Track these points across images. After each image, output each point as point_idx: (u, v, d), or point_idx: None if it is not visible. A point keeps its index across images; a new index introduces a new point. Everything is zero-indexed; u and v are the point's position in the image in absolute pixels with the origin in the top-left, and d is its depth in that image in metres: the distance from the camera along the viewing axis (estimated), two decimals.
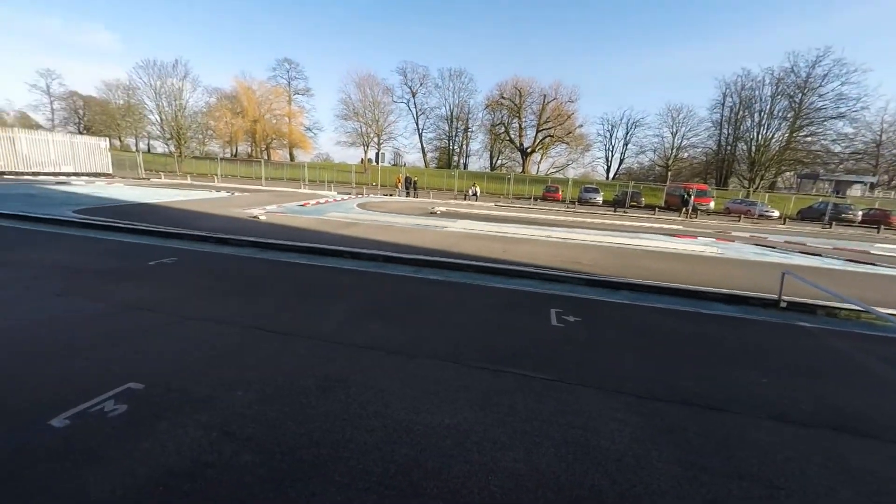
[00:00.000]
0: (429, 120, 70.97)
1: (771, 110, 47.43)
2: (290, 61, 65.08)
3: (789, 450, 2.58)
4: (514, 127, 69.17)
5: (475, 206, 22.26)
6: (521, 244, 9.72)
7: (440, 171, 50.51)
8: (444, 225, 12.68)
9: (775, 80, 46.76)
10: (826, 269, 9.22)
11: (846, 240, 17.14)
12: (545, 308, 5.14)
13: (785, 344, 4.54)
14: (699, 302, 5.88)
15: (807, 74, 44.66)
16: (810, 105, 45.20)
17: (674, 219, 22.74)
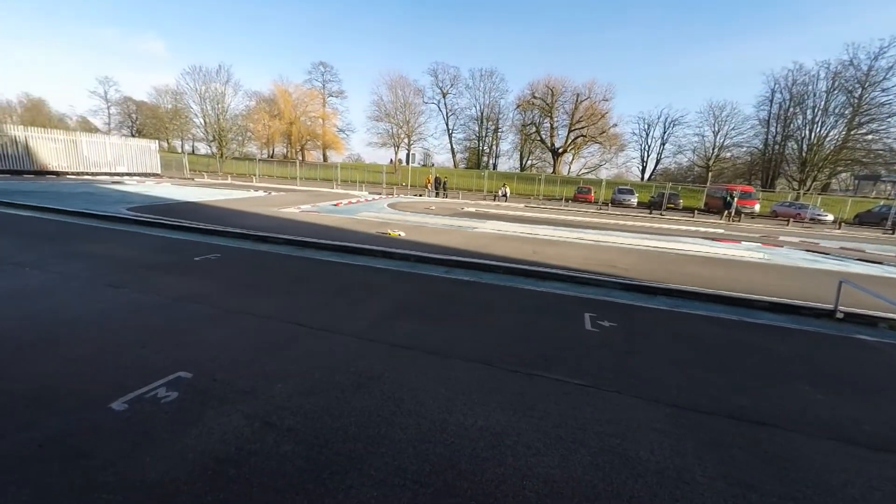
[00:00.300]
0: (459, 120, 71.11)
1: (826, 107, 44.26)
2: (324, 64, 67.03)
3: (849, 473, 2.41)
4: (546, 127, 68.09)
5: (505, 207, 22.09)
6: (552, 246, 9.56)
7: (469, 172, 50.48)
8: (474, 226, 12.65)
9: (832, 74, 43.58)
10: (888, 279, 8.51)
11: None
12: (579, 312, 5.03)
13: (842, 358, 4.23)
14: (743, 310, 5.57)
15: (868, 67, 41.36)
16: (872, 100, 41.81)
17: (715, 222, 21.65)
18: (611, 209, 26.46)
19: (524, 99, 67.40)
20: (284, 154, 69.23)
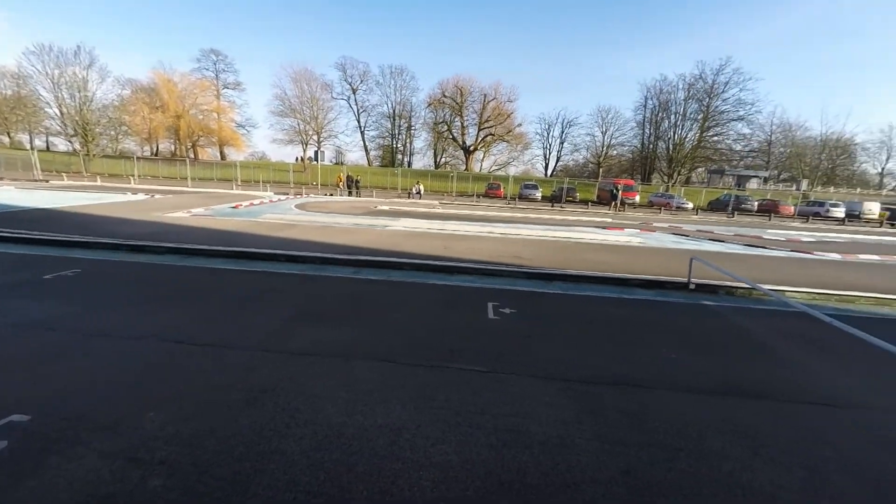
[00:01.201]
0: (371, 117, 69.73)
1: (684, 112, 52.50)
2: (216, 52, 60.48)
3: (692, 417, 2.89)
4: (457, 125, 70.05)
5: (419, 205, 22.25)
6: (463, 241, 9.89)
7: (384, 170, 49.81)
8: (387, 224, 12.54)
9: (687, 85, 51.86)
10: (728, 254, 10.41)
11: (745, 227, 19.51)
12: (483, 302, 5.28)
13: (693, 322, 5.07)
14: (623, 288, 6.38)
15: (712, 81, 50.01)
16: (716, 108, 50.67)
17: (605, 212, 24.40)
18: (518, 203, 28.24)
19: (435, 97, 68.48)
20: (172, 152, 61.09)
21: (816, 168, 55.20)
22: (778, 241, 14.10)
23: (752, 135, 54.49)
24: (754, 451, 2.55)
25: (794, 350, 4.27)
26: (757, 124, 53.13)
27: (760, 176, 52.41)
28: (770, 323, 5.11)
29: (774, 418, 2.95)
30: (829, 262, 10.02)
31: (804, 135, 56.21)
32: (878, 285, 7.28)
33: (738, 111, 50.17)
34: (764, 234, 16.53)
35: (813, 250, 11.83)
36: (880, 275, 8.50)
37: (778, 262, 9.61)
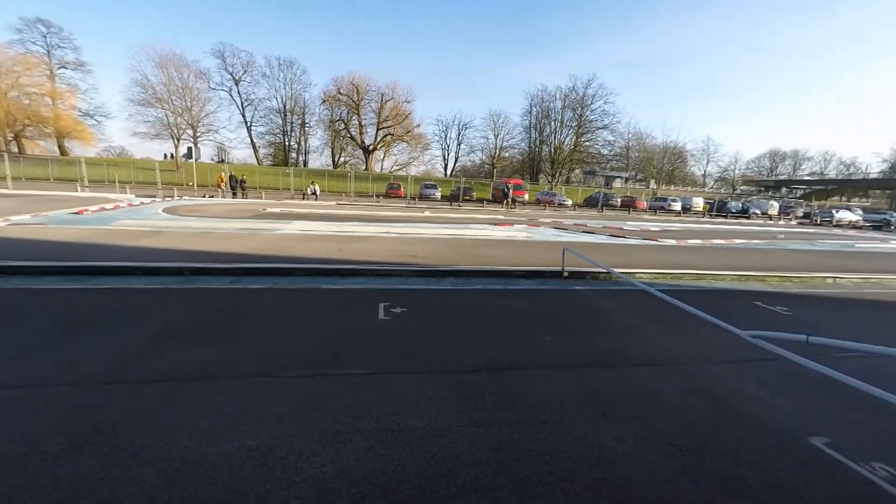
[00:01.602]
0: (258, 112, 63.92)
1: (562, 120, 59.12)
2: (46, 23, 48.96)
3: (557, 391, 3.25)
4: (354, 124, 68.18)
5: (314, 206, 21.11)
6: (359, 242, 9.65)
7: (275, 169, 46.03)
8: (277, 227, 11.62)
9: (563, 95, 58.39)
10: (597, 244, 12.00)
11: (611, 220, 22.73)
12: (375, 303, 5.22)
13: (565, 306, 5.71)
14: (508, 280, 6.90)
15: (583, 93, 57.16)
16: (586, 118, 58.08)
17: (498, 210, 26.15)
18: (418, 203, 28.64)
19: (330, 94, 65.67)
20: None
21: (661, 170, 66.84)
22: (634, 231, 16.70)
23: (615, 141, 63.83)
24: (603, 412, 2.97)
25: (638, 322, 5.09)
26: (618, 132, 62.44)
27: (623, 176, 61.57)
28: (622, 301, 6.01)
29: (620, 382, 3.48)
30: (667, 247, 12.21)
31: (651, 142, 67.70)
32: (698, 263, 9.09)
33: (604, 120, 58.36)
34: (624, 225, 19.43)
35: (658, 238, 14.30)
36: (701, 255, 10.64)
37: (633, 248, 11.38)
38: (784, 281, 8.15)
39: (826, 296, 7.26)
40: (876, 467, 2.54)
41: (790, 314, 5.85)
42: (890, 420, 3.01)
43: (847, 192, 57.94)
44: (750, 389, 3.46)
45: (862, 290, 7.80)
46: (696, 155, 72.05)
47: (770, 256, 11.26)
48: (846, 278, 8.61)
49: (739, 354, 4.08)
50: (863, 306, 6.76)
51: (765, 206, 37.22)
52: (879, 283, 8.49)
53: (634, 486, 2.24)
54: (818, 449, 2.70)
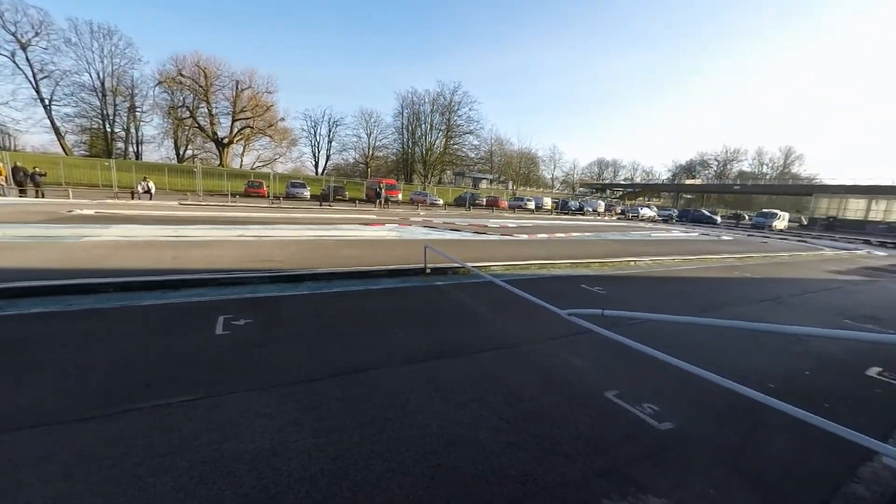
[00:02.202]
0: (62, 88, 50.29)
1: (432, 123, 61.58)
2: None
3: (405, 386, 3.31)
4: (204, 112, 59.31)
5: (147, 207, 17.63)
6: (202, 248, 8.36)
7: (91, 161, 36.80)
8: (88, 234, 9.28)
9: (432, 99, 60.88)
10: (463, 240, 12.81)
11: (477, 218, 24.63)
12: (214, 317, 4.57)
13: (425, 301, 5.91)
14: (371, 280, 6.83)
15: (450, 99, 60.51)
16: (454, 122, 61.73)
17: (371, 209, 25.86)
18: (284, 203, 26.41)
19: (168, 75, 55.75)
20: None
21: (519, 173, 75.30)
22: (495, 227, 18.39)
23: (480, 146, 69.34)
24: (446, 400, 3.14)
25: (488, 311, 5.58)
26: (483, 138, 68.00)
27: (488, 178, 67.42)
28: (476, 293, 6.52)
29: (466, 369, 3.73)
30: (521, 241, 13.76)
31: (510, 148, 75.70)
32: (543, 254, 10.47)
33: (470, 126, 62.78)
34: (488, 222, 21.26)
35: (514, 233, 16.02)
36: (545, 247, 12.29)
37: (492, 243, 12.50)
38: (603, 266, 9.96)
39: (630, 276, 9.13)
40: (645, 407, 3.26)
41: (605, 293, 7.17)
42: (657, 370, 3.88)
43: (648, 193, 74.25)
44: (568, 359, 4.09)
45: (652, 270, 10.05)
46: (545, 160, 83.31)
47: (595, 246, 13.65)
48: (642, 261, 10.99)
49: (563, 330, 4.80)
50: (652, 282, 8.71)
51: (595, 205, 45.15)
52: (662, 264, 11.07)
53: (467, 466, 2.41)
54: (610, 401, 3.33)
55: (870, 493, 2.49)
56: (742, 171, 74.05)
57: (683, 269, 10.43)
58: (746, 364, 4.34)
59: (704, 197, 69.79)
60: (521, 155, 75.81)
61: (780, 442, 2.92)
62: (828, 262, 14.67)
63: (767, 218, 36.88)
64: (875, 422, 3.38)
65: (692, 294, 7.72)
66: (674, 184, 74.98)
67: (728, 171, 74.36)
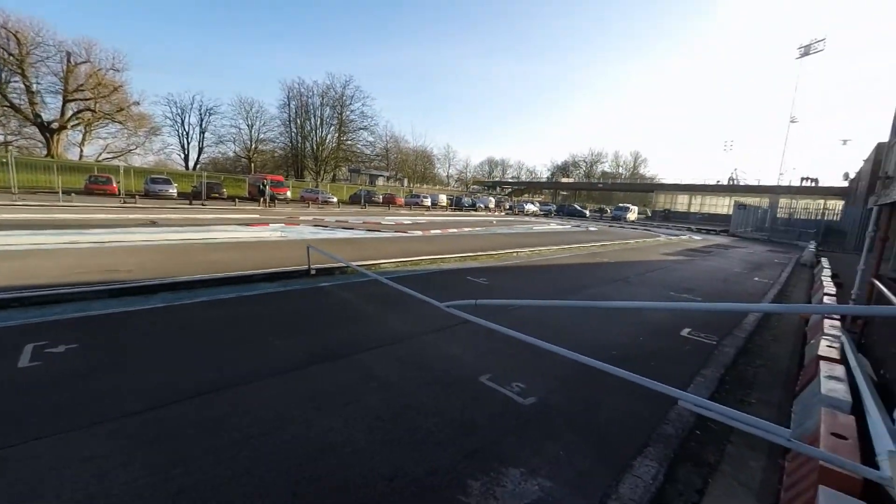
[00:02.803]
0: None
1: (322, 116, 58.47)
2: None
3: (275, 398, 3.06)
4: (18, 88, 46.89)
5: None
6: (12, 260, 6.58)
7: None
8: None
9: (321, 91, 57.74)
10: (356, 238, 12.43)
11: (372, 215, 24.20)
12: (18, 345, 3.62)
13: (308, 304, 5.56)
14: (246, 285, 6.18)
15: (341, 93, 58.12)
16: (347, 117, 59.50)
17: (254, 208, 23.52)
18: (140, 202, 22.39)
19: None
20: None
21: (415, 170, 76.20)
22: (390, 224, 18.28)
23: (375, 142, 68.11)
24: (319, 407, 2.98)
25: (374, 309, 5.50)
26: (378, 134, 66.89)
27: (384, 175, 66.69)
28: (364, 291, 6.38)
29: (345, 371, 3.61)
30: (415, 237, 13.92)
31: (406, 146, 76.07)
32: (434, 250, 10.74)
33: (364, 122, 61.16)
34: (383, 220, 21.03)
35: (408, 230, 16.13)
36: (437, 243, 12.63)
37: (386, 241, 12.39)
38: (489, 258, 10.64)
39: (510, 266, 9.92)
40: (514, 386, 3.55)
41: (488, 283, 7.65)
42: (525, 351, 4.25)
43: (532, 191, 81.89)
44: (448, 349, 4.25)
45: (531, 260, 11.09)
46: (440, 159, 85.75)
47: (484, 240, 14.51)
48: (523, 252, 12.05)
49: (445, 322, 4.97)
50: (530, 270, 9.59)
51: (486, 202, 48.04)
52: (540, 253, 12.29)
53: (337, 473, 2.32)
54: (483, 384, 3.55)
55: (675, 430, 3.09)
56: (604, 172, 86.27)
57: (557, 258, 11.73)
58: (599, 336, 5.05)
59: (577, 193, 79.65)
60: (417, 153, 76.86)
61: (617, 400, 3.46)
62: (663, 246, 17.99)
63: (623, 211, 43.78)
64: (683, 370, 4.23)
65: (561, 279, 8.72)
66: (552, 182, 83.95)
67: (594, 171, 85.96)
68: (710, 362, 4.52)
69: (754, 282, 10.28)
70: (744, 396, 3.81)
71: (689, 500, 2.42)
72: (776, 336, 5.73)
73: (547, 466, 2.54)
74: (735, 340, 5.31)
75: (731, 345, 5.14)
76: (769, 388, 4.03)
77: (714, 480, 2.60)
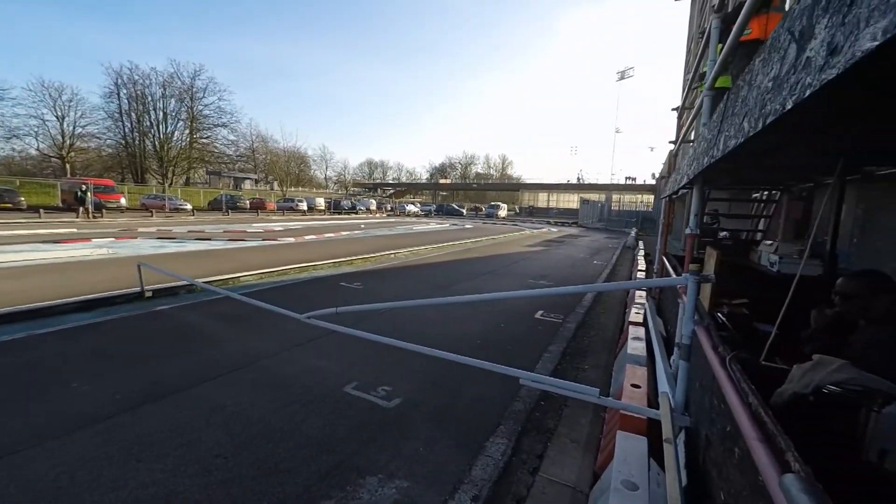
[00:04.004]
0: None
1: (166, 110, 49.78)
2: None
3: (67, 461, 2.43)
4: None
5: None
6: None
7: None
8: None
9: (163, 81, 49.09)
10: (212, 251, 10.87)
11: (236, 223, 21.59)
12: None
13: (136, 334, 4.62)
14: (45, 320, 4.85)
15: (191, 83, 50.29)
16: (199, 112, 51.76)
17: (71, 220, 18.79)
18: None
19: None
20: None
21: (288, 172, 70.66)
22: (258, 232, 16.55)
23: (238, 141, 60.82)
24: (138, 458, 2.48)
25: (225, 330, 4.86)
26: (240, 133, 59.84)
27: (252, 178, 60.24)
28: (214, 311, 5.60)
29: (173, 410, 3.08)
30: (286, 245, 12.86)
31: (275, 146, 69.89)
32: (307, 257, 10.05)
33: (222, 118, 53.95)
34: (250, 227, 18.92)
35: (279, 237, 14.82)
36: (311, 249, 11.89)
37: (250, 251, 11.14)
38: (365, 261, 10.43)
39: (388, 268, 9.90)
40: (380, 391, 3.51)
41: (363, 287, 7.47)
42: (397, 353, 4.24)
43: (413, 192, 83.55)
44: (311, 363, 3.99)
45: (408, 260, 11.25)
46: (316, 160, 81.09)
47: (362, 243, 14.20)
48: (402, 252, 12.16)
49: (312, 334, 4.67)
50: (407, 270, 9.71)
51: (367, 204, 47.27)
52: (418, 253, 12.56)
53: None
54: (348, 394, 3.42)
55: (524, 405, 3.44)
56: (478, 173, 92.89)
57: (433, 256, 12.14)
58: (464, 327, 5.35)
59: (455, 193, 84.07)
60: (289, 154, 71.24)
61: (476, 387, 3.70)
62: (526, 238, 20.17)
63: (494, 209, 47.86)
64: (535, 348, 4.76)
65: (436, 276, 9.04)
66: (431, 183, 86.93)
67: (469, 172, 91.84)
68: (555, 338, 5.18)
69: (594, 265, 12.25)
70: (580, 364, 4.47)
71: (531, 465, 2.70)
72: (606, 308, 6.89)
73: (406, 466, 2.56)
74: (576, 317, 6.21)
75: (573, 321, 5.98)
76: (599, 354, 4.81)
77: (552, 443, 2.96)
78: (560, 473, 2.62)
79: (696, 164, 2.70)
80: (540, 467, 2.68)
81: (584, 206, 39.78)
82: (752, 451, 1.16)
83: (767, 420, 1.26)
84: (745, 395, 1.49)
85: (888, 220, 4.89)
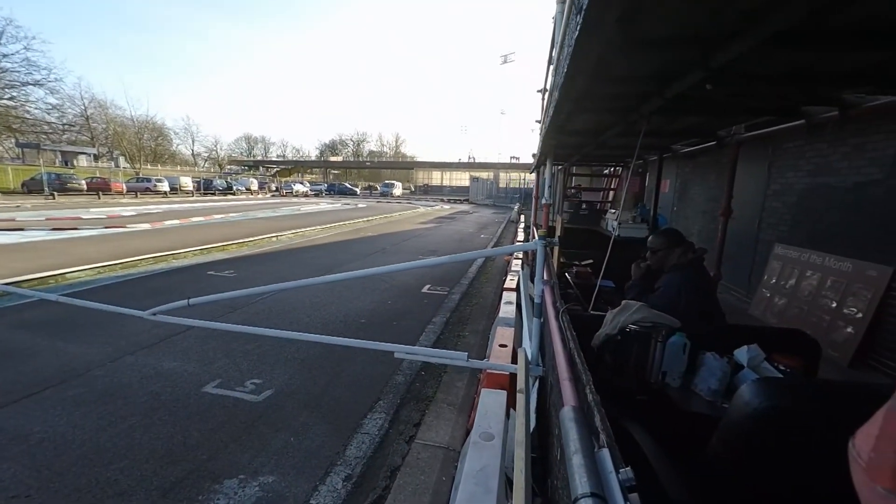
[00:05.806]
0: None
1: None
2: None
3: None
4: None
5: None
6: None
7: None
8: None
9: None
10: (24, 243, 8.56)
11: (67, 208, 17.38)
12: None
13: None
14: None
15: None
16: None
17: None
18: None
19: None
20: None
21: (141, 147, 59.12)
22: (99, 219, 13.58)
23: (63, 106, 48.22)
24: None
25: (37, 342, 3.89)
26: (65, 94, 47.54)
27: (89, 153, 48.85)
28: (22, 318, 4.45)
29: None
30: (137, 232, 10.80)
31: (121, 114, 57.49)
32: (165, 245, 8.58)
33: (32, 74, 41.97)
34: (86, 213, 15.42)
35: (128, 224, 12.37)
36: (171, 236, 10.20)
37: (81, 242, 9.08)
38: (241, 246, 9.37)
39: (267, 252, 9.05)
40: (247, 385, 3.20)
41: (235, 275, 6.70)
42: (269, 343, 3.92)
43: (301, 170, 77.50)
44: (161, 366, 3.44)
45: (293, 243, 10.44)
46: (179, 133, 69.29)
47: (239, 226, 12.72)
48: (285, 235, 11.23)
49: (164, 334, 4.02)
50: (289, 254, 8.99)
51: (247, 183, 42.42)
52: (304, 235, 11.75)
53: None
54: (208, 394, 3.04)
55: (404, 377, 3.49)
56: (371, 151, 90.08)
57: (321, 238, 11.49)
58: (350, 307, 5.19)
59: (348, 172, 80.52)
60: (140, 124, 59.34)
61: (358, 365, 3.62)
62: (420, 216, 20.41)
63: (389, 188, 47.20)
64: (421, 321, 4.85)
65: (321, 258, 8.57)
66: (322, 161, 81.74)
67: (361, 150, 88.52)
68: (440, 310, 5.36)
69: (481, 238, 12.99)
70: (460, 332, 4.70)
71: (408, 434, 2.76)
72: (489, 279, 7.37)
73: (273, 460, 2.39)
74: (461, 288, 6.51)
75: (457, 292, 6.26)
76: (479, 321, 5.12)
77: (429, 409, 3.06)
78: (434, 437, 2.73)
79: (544, 142, 2.95)
80: (416, 434, 2.75)
81: (475, 183, 41.77)
82: (562, 389, 1.31)
83: (578, 361, 1.44)
84: (567, 342, 1.68)
85: (693, 191, 6.12)
